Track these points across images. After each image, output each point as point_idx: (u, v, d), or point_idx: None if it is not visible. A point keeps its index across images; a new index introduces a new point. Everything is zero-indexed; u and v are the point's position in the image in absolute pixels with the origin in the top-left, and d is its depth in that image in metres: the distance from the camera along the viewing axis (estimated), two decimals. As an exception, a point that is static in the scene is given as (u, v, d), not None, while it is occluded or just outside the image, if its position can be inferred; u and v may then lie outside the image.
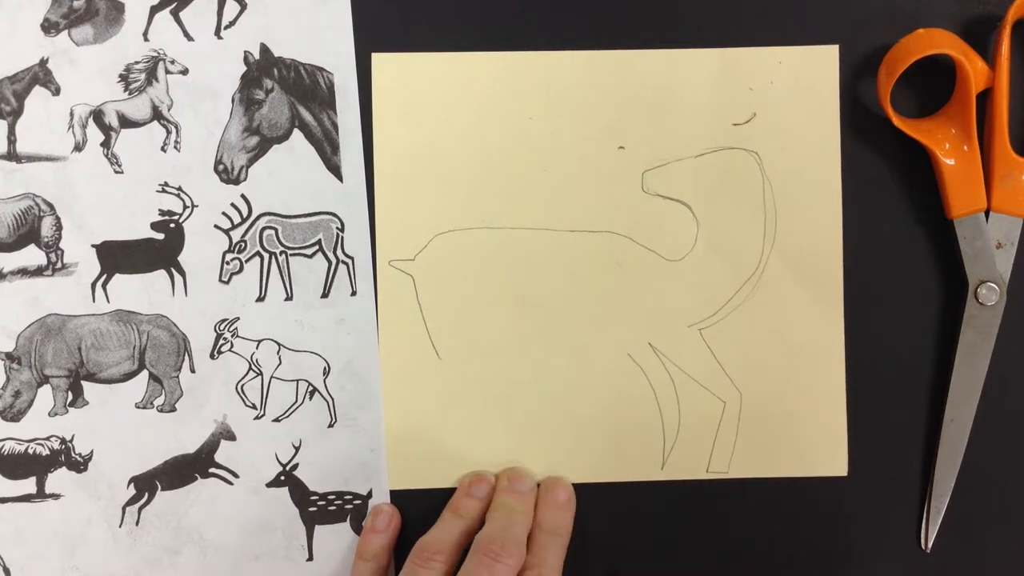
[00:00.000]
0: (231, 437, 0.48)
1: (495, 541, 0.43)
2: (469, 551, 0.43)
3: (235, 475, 0.48)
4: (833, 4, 0.48)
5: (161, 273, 0.48)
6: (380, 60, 0.48)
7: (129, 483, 0.48)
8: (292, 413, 0.48)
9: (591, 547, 0.48)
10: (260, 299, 0.48)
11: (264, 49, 0.48)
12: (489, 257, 0.48)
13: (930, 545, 0.48)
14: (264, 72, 0.48)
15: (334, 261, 0.48)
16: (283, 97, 0.48)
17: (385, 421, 0.48)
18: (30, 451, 0.47)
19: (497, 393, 0.48)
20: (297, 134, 0.48)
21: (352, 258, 0.48)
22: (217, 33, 0.48)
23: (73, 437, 0.48)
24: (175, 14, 0.48)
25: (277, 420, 0.48)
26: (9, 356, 0.47)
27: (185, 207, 0.48)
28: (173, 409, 0.48)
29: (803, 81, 0.48)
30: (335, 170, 0.48)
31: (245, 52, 0.48)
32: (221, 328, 0.48)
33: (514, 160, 0.48)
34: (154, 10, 0.48)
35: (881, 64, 0.47)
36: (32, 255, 0.47)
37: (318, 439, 0.48)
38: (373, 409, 0.48)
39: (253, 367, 0.48)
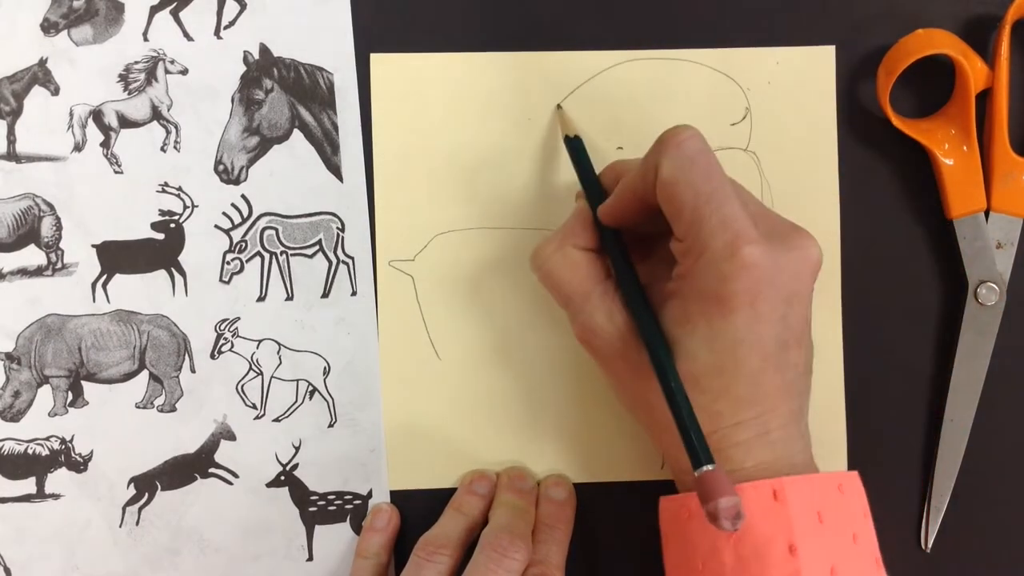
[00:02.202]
0: (231, 437, 0.48)
1: (502, 537, 0.43)
2: (476, 547, 0.43)
3: (235, 475, 0.48)
4: (832, 4, 0.48)
5: (161, 273, 0.48)
6: (379, 60, 0.48)
7: (129, 483, 0.48)
8: (292, 413, 0.48)
9: (591, 547, 0.48)
10: (260, 299, 0.48)
11: (264, 49, 0.48)
12: (489, 257, 0.48)
13: (930, 545, 0.48)
14: (264, 72, 0.48)
15: (334, 261, 0.48)
16: (283, 97, 0.48)
17: (385, 421, 0.48)
18: (30, 451, 0.47)
19: (497, 393, 0.48)
20: (297, 134, 0.48)
21: (352, 258, 0.48)
22: (217, 33, 0.48)
23: (73, 437, 0.48)
24: (175, 14, 0.48)
25: (277, 420, 0.48)
26: (9, 356, 0.47)
27: (185, 207, 0.48)
28: (173, 409, 0.48)
29: (800, 81, 0.48)
30: (335, 170, 0.48)
31: (245, 52, 0.48)
32: (221, 328, 0.48)
33: (514, 160, 0.48)
34: (154, 10, 0.48)
35: (880, 64, 0.47)
36: (32, 255, 0.47)
37: (318, 439, 0.48)
38: (373, 409, 0.48)
39: (253, 367, 0.48)
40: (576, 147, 0.46)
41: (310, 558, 0.48)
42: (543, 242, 0.43)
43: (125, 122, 0.48)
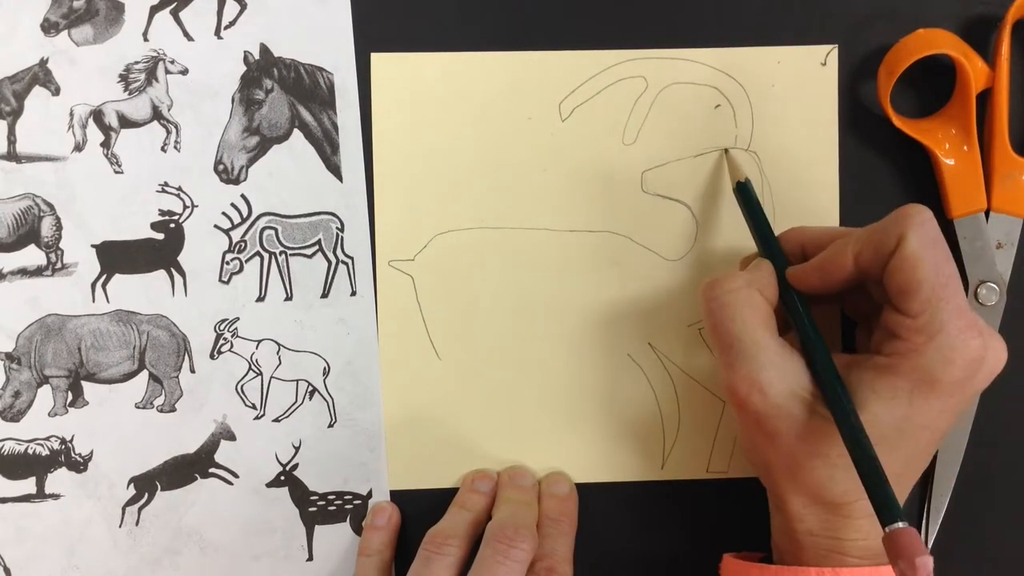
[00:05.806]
0: (231, 437, 0.48)
1: (507, 528, 0.43)
2: (482, 542, 0.43)
3: (235, 475, 0.48)
4: (833, 4, 0.48)
5: (161, 273, 0.48)
6: (379, 60, 0.48)
7: (129, 483, 0.48)
8: (292, 413, 0.48)
9: (591, 547, 0.48)
10: (260, 299, 0.48)
11: (264, 49, 0.48)
12: (489, 257, 0.48)
13: (930, 545, 0.48)
14: (264, 72, 0.48)
15: (334, 261, 0.48)
16: (283, 97, 0.48)
17: (385, 421, 0.48)
18: (30, 451, 0.47)
19: (497, 393, 0.48)
20: (297, 134, 0.48)
21: (352, 258, 0.48)
22: (217, 33, 0.48)
23: (73, 437, 0.48)
24: (175, 14, 0.48)
25: (277, 420, 0.48)
26: (9, 356, 0.47)
27: (185, 207, 0.48)
28: (173, 409, 0.48)
29: (802, 81, 0.48)
30: (335, 170, 0.48)
31: (245, 52, 0.48)
32: (221, 328, 0.48)
33: (514, 160, 0.48)
34: (154, 10, 0.48)
35: (881, 64, 0.47)
36: (32, 255, 0.47)
37: (318, 439, 0.48)
38: (373, 409, 0.48)
39: (253, 367, 0.48)
40: (747, 195, 0.45)
41: (310, 558, 0.48)
42: (726, 275, 0.41)
43: (125, 122, 0.48)
